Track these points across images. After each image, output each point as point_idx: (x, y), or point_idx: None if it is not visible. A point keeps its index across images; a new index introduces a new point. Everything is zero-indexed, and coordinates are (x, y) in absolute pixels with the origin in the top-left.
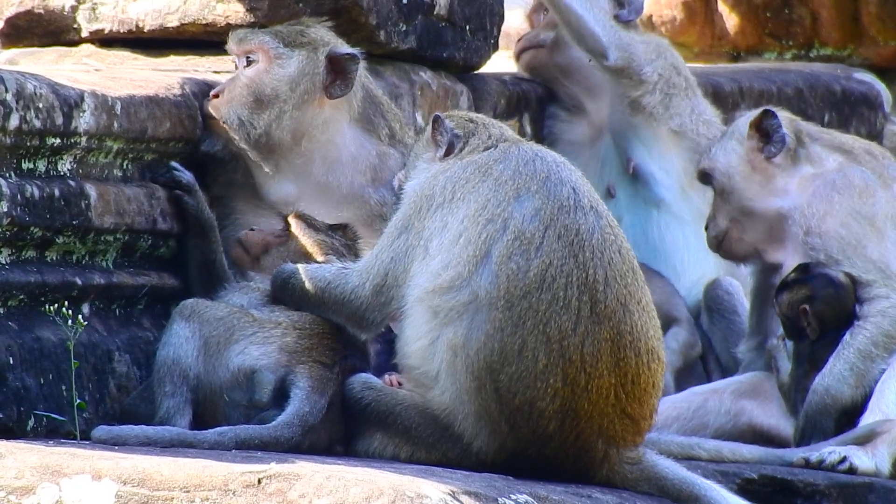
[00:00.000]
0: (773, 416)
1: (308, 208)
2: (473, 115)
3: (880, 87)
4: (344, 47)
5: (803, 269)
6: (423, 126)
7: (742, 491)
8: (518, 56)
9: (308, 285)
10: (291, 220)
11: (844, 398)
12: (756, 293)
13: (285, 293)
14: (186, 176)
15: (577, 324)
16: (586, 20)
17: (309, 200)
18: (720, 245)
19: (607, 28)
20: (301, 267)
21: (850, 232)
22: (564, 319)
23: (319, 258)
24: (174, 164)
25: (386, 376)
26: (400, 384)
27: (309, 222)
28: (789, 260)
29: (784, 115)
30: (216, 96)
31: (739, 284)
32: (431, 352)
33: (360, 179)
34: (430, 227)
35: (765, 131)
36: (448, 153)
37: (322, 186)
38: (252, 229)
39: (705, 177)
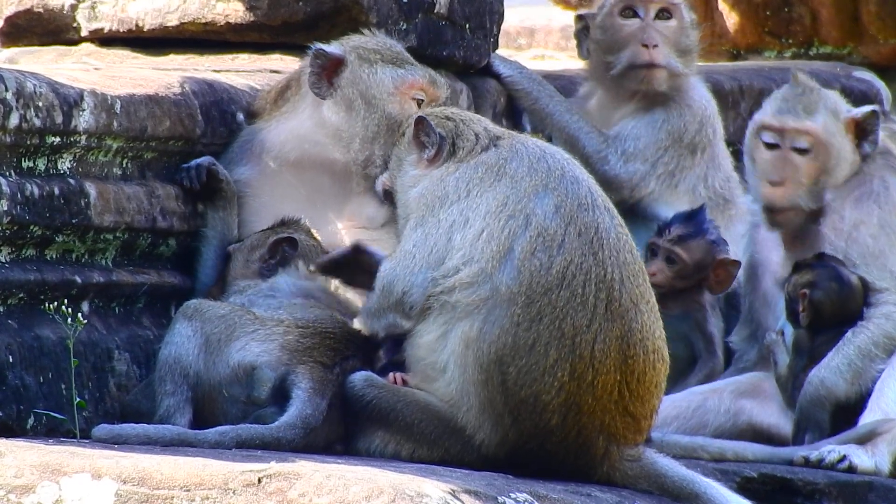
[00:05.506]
0: (772, 415)
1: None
2: (448, 111)
3: (880, 85)
4: None
5: (819, 256)
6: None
7: (742, 489)
8: None
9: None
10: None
11: (839, 391)
12: (748, 281)
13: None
14: (200, 157)
15: (591, 321)
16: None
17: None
18: (778, 186)
19: (618, 166)
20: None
21: (876, 243)
22: (580, 316)
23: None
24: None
25: (391, 374)
26: (405, 382)
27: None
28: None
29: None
30: None
31: None
32: (442, 343)
33: None
34: (449, 219)
35: (863, 129)
36: (437, 155)
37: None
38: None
39: (801, 135)
